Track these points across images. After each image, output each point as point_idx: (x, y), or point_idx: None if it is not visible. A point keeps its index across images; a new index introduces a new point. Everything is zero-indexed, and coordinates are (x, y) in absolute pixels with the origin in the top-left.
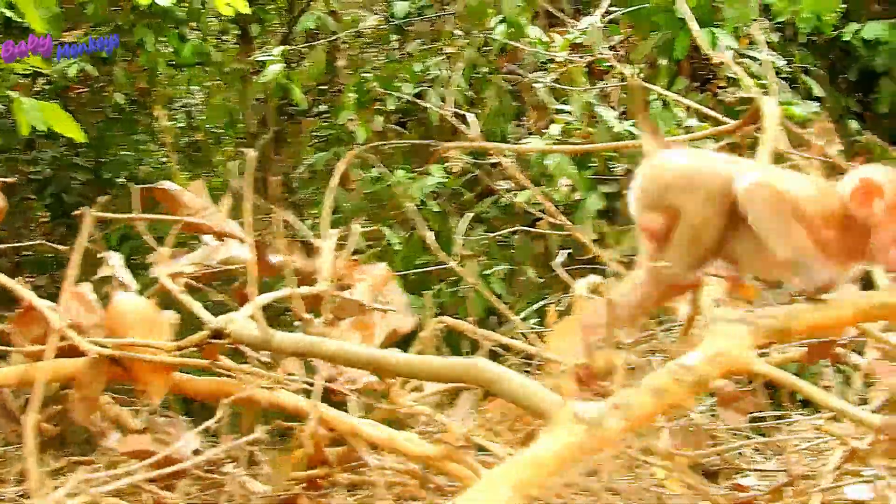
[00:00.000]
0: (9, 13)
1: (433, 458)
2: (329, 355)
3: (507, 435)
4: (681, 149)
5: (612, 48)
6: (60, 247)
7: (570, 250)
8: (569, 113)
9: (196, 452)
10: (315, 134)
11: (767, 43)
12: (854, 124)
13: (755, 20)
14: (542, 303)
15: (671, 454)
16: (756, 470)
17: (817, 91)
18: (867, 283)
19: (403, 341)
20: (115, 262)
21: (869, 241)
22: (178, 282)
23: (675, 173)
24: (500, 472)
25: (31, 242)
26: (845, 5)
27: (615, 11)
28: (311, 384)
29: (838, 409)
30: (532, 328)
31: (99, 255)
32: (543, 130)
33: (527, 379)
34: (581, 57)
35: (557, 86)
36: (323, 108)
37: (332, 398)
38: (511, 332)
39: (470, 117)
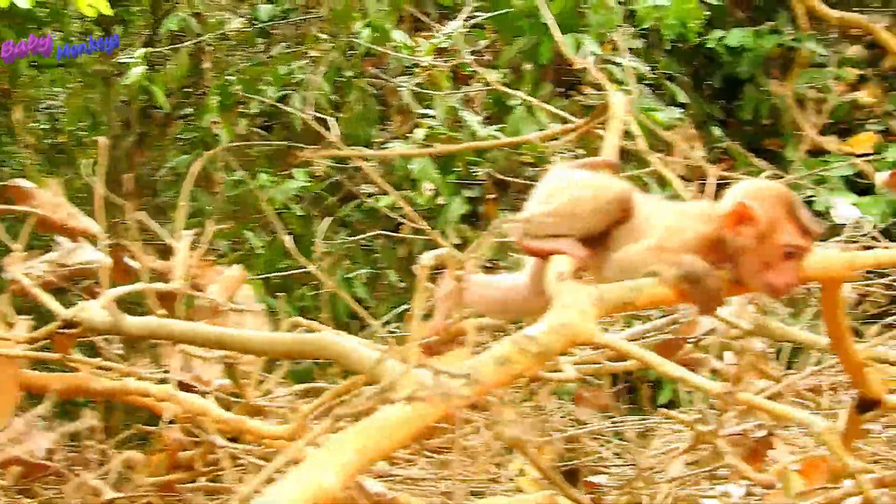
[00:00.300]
0: None
1: (284, 437)
2: (179, 335)
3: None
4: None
5: (477, 53)
6: None
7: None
8: (433, 117)
9: (50, 452)
10: (179, 137)
11: (631, 49)
12: (717, 131)
13: (620, 26)
14: (403, 307)
15: (524, 443)
16: (613, 466)
17: (681, 97)
18: None
19: None
20: None
21: (741, 260)
22: (31, 280)
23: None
24: (346, 437)
25: None
26: (709, 13)
27: (481, 16)
28: (167, 373)
29: (679, 377)
30: (392, 332)
31: None
32: (408, 135)
33: (373, 351)
34: (445, 61)
35: (422, 90)
36: (188, 110)
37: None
38: (372, 336)
39: (330, 121)
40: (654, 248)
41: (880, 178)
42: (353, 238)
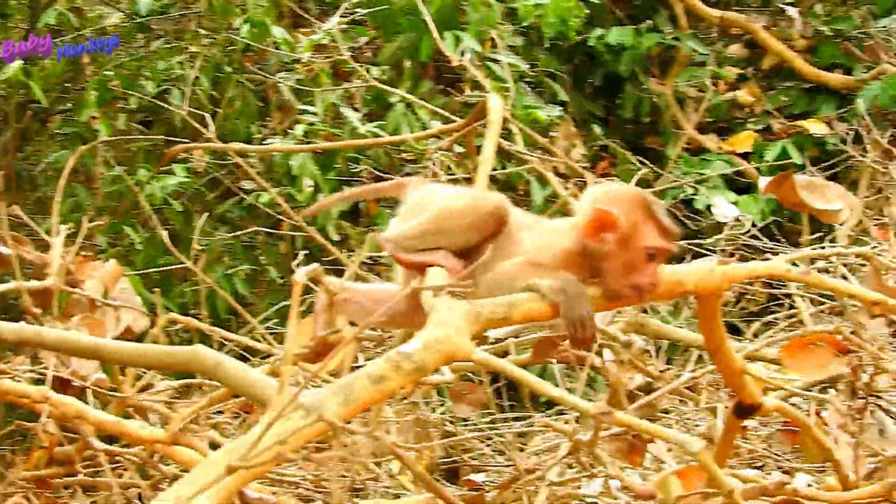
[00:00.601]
0: None
1: (161, 442)
2: (52, 344)
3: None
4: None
5: (358, 49)
6: None
7: (311, 251)
8: (313, 114)
9: None
10: (58, 132)
11: (511, 47)
12: (598, 129)
13: (500, 24)
14: (283, 303)
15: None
16: (494, 464)
17: (562, 95)
18: None
19: (137, 341)
20: None
21: (605, 267)
22: None
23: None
24: (221, 455)
25: None
26: (589, 11)
27: (361, 12)
28: (43, 374)
29: (556, 397)
30: (270, 329)
31: None
32: (288, 131)
33: (247, 366)
34: (326, 58)
35: (301, 87)
36: (67, 105)
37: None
38: (251, 333)
39: (207, 118)
40: (525, 263)
41: (763, 182)
42: (233, 234)
